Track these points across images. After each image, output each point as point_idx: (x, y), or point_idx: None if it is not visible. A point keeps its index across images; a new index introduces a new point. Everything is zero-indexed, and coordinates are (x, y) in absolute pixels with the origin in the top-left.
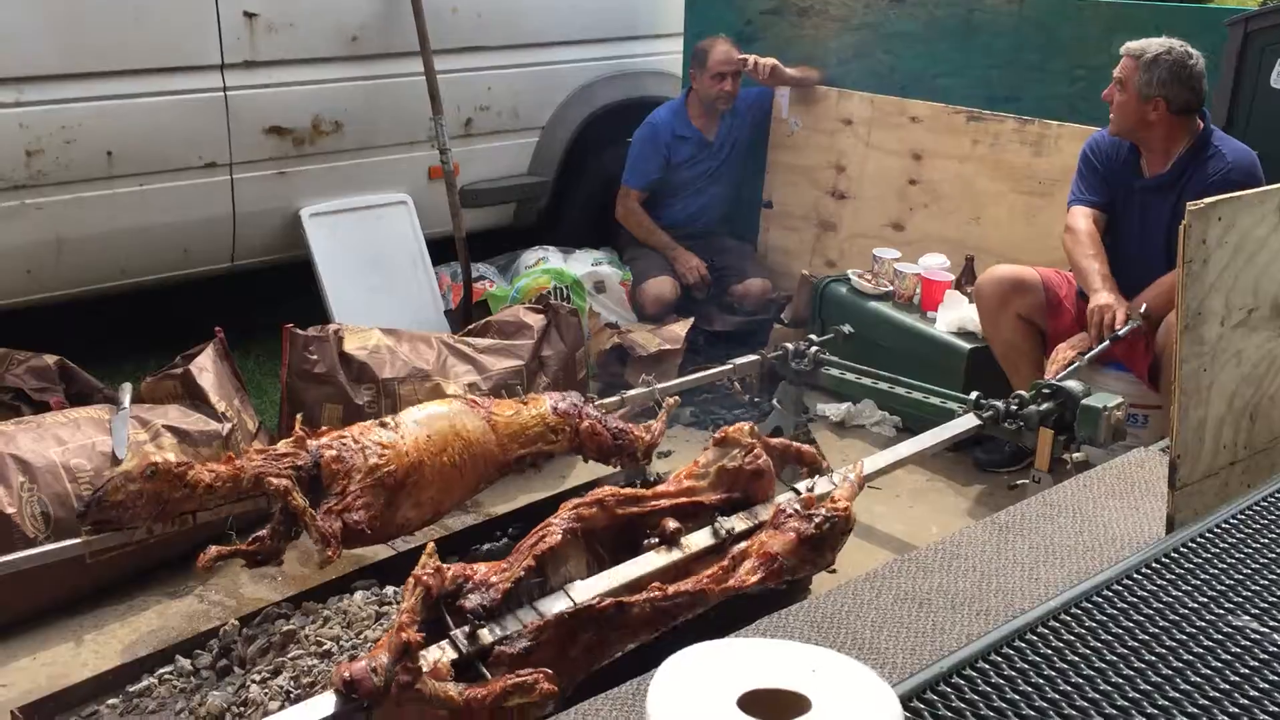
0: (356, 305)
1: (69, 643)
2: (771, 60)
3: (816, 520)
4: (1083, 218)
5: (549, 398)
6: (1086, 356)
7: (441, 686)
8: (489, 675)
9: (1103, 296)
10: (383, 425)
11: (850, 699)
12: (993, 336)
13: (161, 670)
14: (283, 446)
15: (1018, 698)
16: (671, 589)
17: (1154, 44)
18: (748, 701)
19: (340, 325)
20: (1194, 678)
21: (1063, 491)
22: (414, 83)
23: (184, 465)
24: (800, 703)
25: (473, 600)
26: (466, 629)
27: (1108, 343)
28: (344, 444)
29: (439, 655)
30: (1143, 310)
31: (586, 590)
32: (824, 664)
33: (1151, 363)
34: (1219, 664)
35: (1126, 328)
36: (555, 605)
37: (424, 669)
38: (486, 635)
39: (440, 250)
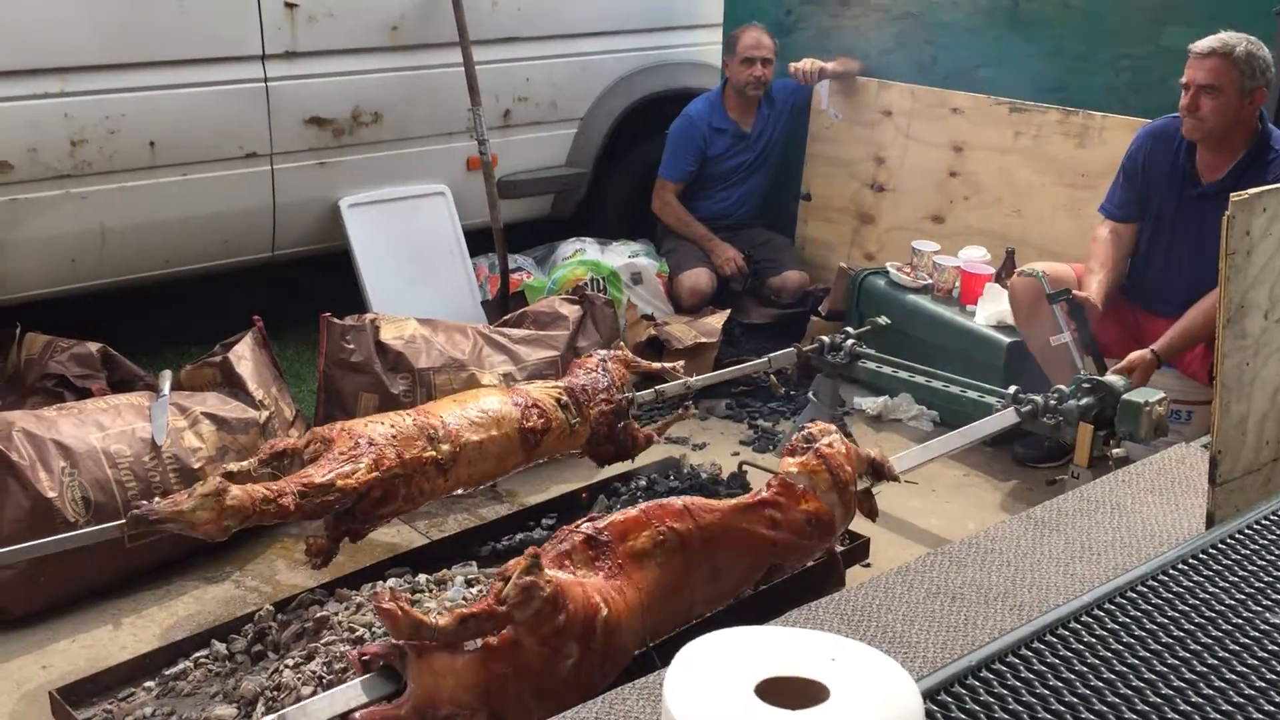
0: (394, 295)
1: (107, 626)
2: (815, 63)
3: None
4: (1104, 229)
5: (596, 419)
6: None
7: (439, 618)
8: None
9: None
10: (439, 468)
11: (869, 688)
12: (1028, 335)
13: (197, 654)
14: (340, 486)
15: (1047, 692)
16: (661, 502)
17: (1229, 38)
18: (766, 689)
19: (377, 315)
20: (1229, 675)
21: (1101, 487)
22: (453, 74)
23: (243, 517)
24: (818, 691)
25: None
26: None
27: (1054, 308)
28: (394, 484)
29: None
30: (1034, 270)
31: None
32: (844, 653)
33: (1210, 367)
34: (1254, 661)
35: (1057, 295)
36: None
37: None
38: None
39: (478, 241)
